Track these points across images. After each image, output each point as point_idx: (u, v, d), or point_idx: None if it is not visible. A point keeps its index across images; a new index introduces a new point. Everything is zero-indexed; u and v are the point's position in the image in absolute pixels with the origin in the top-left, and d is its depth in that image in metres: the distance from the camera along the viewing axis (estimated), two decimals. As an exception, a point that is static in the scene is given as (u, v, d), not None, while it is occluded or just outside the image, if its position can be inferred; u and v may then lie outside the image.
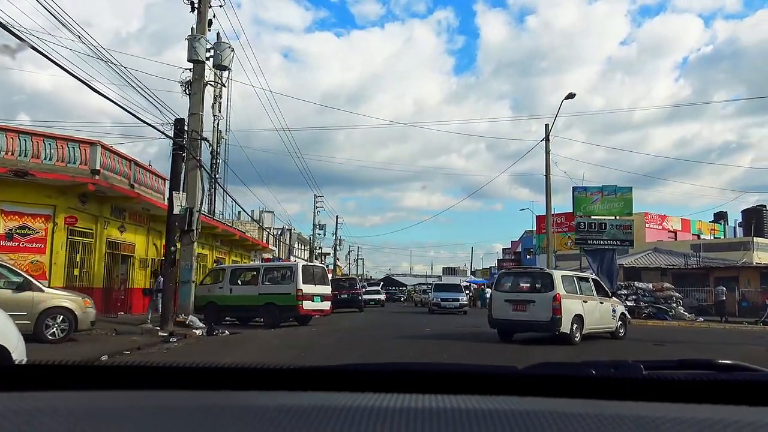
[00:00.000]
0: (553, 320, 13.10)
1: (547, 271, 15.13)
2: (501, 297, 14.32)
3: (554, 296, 13.25)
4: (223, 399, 1.03)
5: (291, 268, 18.58)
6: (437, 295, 32.23)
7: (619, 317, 15.62)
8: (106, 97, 14.28)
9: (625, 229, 26.09)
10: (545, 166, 30.16)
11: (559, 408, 0.93)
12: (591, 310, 14.16)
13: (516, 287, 14.66)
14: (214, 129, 52.62)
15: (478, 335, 15.51)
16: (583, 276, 15.97)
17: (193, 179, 19.03)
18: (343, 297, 30.54)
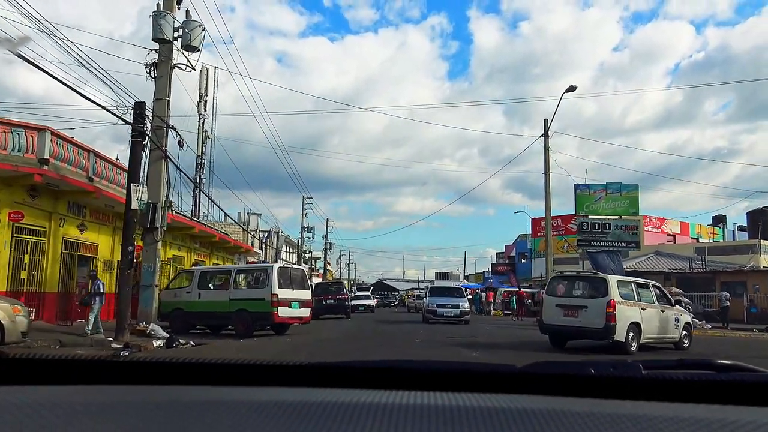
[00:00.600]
0: (606, 327, 12.51)
1: (602, 275, 14.29)
2: (552, 302, 13.72)
3: (608, 302, 12.61)
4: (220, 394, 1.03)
5: (266, 270, 16.61)
6: (433, 301, 25.66)
7: (683, 327, 14.61)
8: (48, 73, 12.33)
9: (631, 229, 24.31)
10: (544, 163, 28.42)
11: (558, 406, 0.93)
12: (650, 318, 13.46)
13: (568, 292, 13.99)
14: (200, 128, 50.97)
15: (474, 345, 13.68)
16: (642, 282, 14.89)
17: (157, 171, 17.09)
18: (329, 302, 28.58)
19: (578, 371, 1.13)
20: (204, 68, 50.36)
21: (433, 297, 26.46)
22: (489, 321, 30.01)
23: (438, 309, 24.73)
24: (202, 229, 29.31)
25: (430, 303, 25.63)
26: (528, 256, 64.31)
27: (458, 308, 24.83)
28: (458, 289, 28.58)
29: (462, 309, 24.84)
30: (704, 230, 59.46)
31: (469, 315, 25.27)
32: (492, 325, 24.57)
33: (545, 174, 28.44)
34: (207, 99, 50.25)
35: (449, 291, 27.83)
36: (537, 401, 0.97)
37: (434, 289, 29.08)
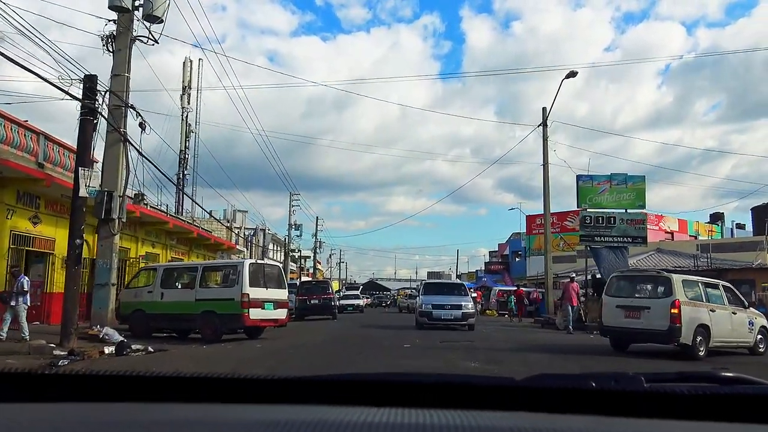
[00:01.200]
0: (671, 329, 11.85)
1: (666, 274, 13.24)
2: (612, 302, 13.07)
3: (672, 302, 11.94)
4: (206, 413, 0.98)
5: (235, 267, 14.71)
6: (428, 301, 19.87)
7: (758, 330, 13.66)
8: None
9: (637, 223, 22.58)
10: (543, 154, 26.74)
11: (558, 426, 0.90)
12: (720, 320, 12.67)
13: (629, 292, 13.19)
14: (183, 122, 48.92)
15: (473, 352, 11.90)
16: (711, 282, 13.89)
17: (114, 156, 15.22)
18: (313, 303, 26.72)
19: (579, 385, 1.10)
20: (187, 60, 48.72)
21: (428, 295, 20.41)
22: (484, 322, 28.19)
23: (434, 311, 19.34)
24: (178, 225, 27.40)
25: (424, 303, 19.89)
26: (522, 254, 62.82)
27: (460, 309, 19.27)
28: (459, 285, 22.77)
29: (465, 310, 19.34)
30: (702, 228, 58.20)
31: (474, 318, 19.76)
32: (489, 326, 22.73)
33: (544, 166, 26.74)
34: (191, 92, 48.77)
35: (448, 288, 21.86)
36: (538, 420, 0.94)
37: (430, 285, 22.46)
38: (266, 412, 0.97)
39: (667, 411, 0.99)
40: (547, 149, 26.58)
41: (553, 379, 1.19)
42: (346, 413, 0.91)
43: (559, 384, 1.11)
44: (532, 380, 1.16)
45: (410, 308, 40.59)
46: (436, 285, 22.84)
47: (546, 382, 1.15)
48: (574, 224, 55.32)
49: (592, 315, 21.75)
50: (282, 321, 15.39)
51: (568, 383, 1.12)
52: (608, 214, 22.55)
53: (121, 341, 12.53)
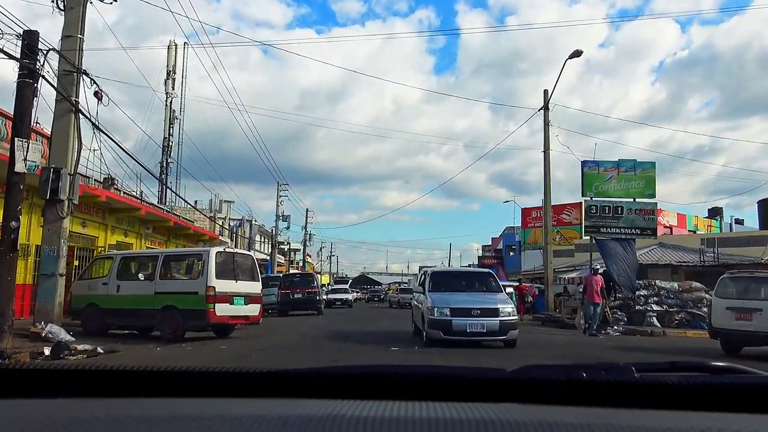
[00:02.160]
0: None
1: None
2: (722, 304, 12.60)
3: None
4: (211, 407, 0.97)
5: (200, 256, 12.87)
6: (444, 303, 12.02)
7: None
8: None
9: (647, 213, 20.87)
10: (544, 140, 25.00)
11: (551, 417, 0.89)
12: None
13: (740, 293, 12.64)
14: (167, 108, 46.86)
15: (479, 359, 10.17)
16: None
17: (64, 129, 13.34)
18: (297, 297, 24.87)
19: (570, 375, 1.09)
20: (172, 44, 46.68)
21: (440, 293, 12.73)
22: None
23: (455, 319, 11.66)
24: (152, 212, 25.47)
25: (437, 307, 11.95)
26: (516, 248, 61.26)
27: (496, 316, 11.80)
28: (487, 275, 14.56)
29: (504, 318, 11.84)
30: (701, 222, 56.88)
31: (517, 329, 12.26)
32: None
33: (545, 152, 25.00)
34: (175, 77, 46.76)
35: (470, 280, 14.27)
36: (528, 411, 0.93)
37: (440, 276, 14.51)
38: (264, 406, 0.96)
39: (658, 401, 1.00)
40: (548, 134, 24.84)
41: (543, 370, 1.15)
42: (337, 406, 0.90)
43: (549, 375, 1.10)
44: (523, 371, 1.14)
45: (401, 303, 39.10)
46: (452, 276, 15.39)
47: (536, 373, 1.13)
48: (571, 218, 53.96)
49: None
50: (254, 318, 13.57)
51: (559, 374, 1.10)
52: (615, 203, 20.85)
53: (59, 342, 10.69)
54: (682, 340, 16.19)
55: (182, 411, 0.93)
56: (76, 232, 20.50)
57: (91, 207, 21.21)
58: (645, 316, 18.49)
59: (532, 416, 0.89)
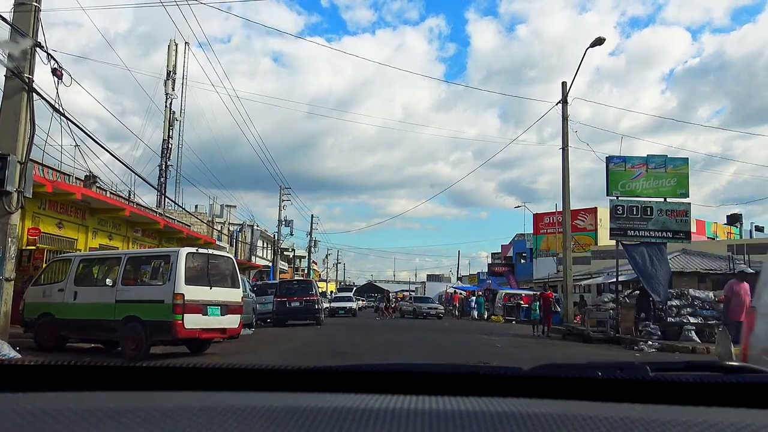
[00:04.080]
0: None
1: None
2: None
3: None
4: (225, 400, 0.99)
5: (168, 257, 10.91)
6: None
7: None
8: None
9: (679, 215, 18.80)
10: (562, 136, 23.04)
11: (568, 410, 0.91)
12: None
13: None
14: (167, 109, 45.13)
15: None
16: None
17: (13, 109, 11.49)
18: (294, 305, 22.89)
19: (585, 373, 1.11)
20: (172, 43, 45.07)
21: None
22: (494, 330, 24.34)
23: None
24: (137, 213, 23.61)
25: None
26: (527, 256, 59.21)
27: None
28: None
29: None
30: (721, 229, 54.89)
31: None
32: (505, 338, 18.87)
33: (563, 149, 23.04)
34: (175, 77, 45.12)
35: None
36: (545, 405, 0.95)
37: None
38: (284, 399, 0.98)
39: (672, 399, 1.00)
40: (566, 129, 22.88)
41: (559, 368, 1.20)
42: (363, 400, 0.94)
43: (565, 373, 1.12)
44: (539, 369, 1.17)
45: (417, 313, 37.00)
46: None
47: (552, 371, 1.16)
48: (585, 224, 51.93)
49: (625, 325, 18.01)
50: (233, 331, 11.60)
51: (575, 372, 1.12)
52: (644, 203, 18.78)
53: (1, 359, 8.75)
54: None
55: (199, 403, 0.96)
56: (50, 233, 18.68)
57: (68, 206, 19.39)
58: (682, 329, 16.40)
59: (549, 409, 0.90)
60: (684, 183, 18.82)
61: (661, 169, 18.82)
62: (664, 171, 18.82)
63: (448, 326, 25.97)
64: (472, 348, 13.98)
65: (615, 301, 19.38)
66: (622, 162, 19.01)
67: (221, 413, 0.89)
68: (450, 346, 14.04)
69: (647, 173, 18.83)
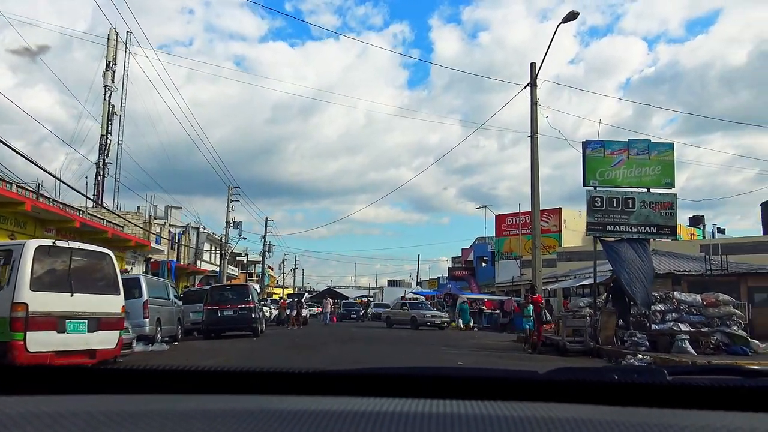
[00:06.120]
0: None
1: None
2: None
3: None
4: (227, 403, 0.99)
5: (9, 253, 7.91)
6: None
7: None
8: None
9: (664, 207, 16.50)
10: (531, 122, 20.70)
11: (583, 415, 0.89)
12: None
13: None
14: (106, 103, 41.41)
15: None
16: None
17: None
18: (226, 315, 19.82)
19: (602, 377, 1.09)
20: (112, 32, 41.53)
21: None
22: (453, 339, 21.73)
23: None
24: (42, 207, 20.34)
25: None
26: (488, 259, 57.16)
27: None
28: None
29: None
30: (684, 231, 53.85)
31: None
32: (468, 351, 16.25)
33: (532, 136, 20.68)
34: (115, 68, 41.63)
35: None
36: (561, 409, 0.94)
37: None
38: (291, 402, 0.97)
39: (690, 403, 0.99)
40: (536, 115, 20.53)
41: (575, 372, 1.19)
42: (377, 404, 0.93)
43: (581, 377, 1.11)
44: (555, 373, 1.16)
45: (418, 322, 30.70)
46: None
47: (568, 375, 1.15)
48: (549, 225, 49.94)
49: (606, 334, 15.60)
50: (108, 353, 8.62)
51: (591, 376, 1.12)
52: (625, 194, 16.44)
53: None
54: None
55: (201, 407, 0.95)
56: None
57: None
58: (674, 339, 14.04)
59: (565, 414, 0.89)
60: (669, 171, 16.55)
61: (644, 155, 16.53)
62: (647, 158, 16.53)
63: (405, 336, 23.33)
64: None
65: (593, 307, 16.99)
66: (601, 147, 16.65)
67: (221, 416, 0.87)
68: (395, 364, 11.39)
69: (628, 160, 16.51)
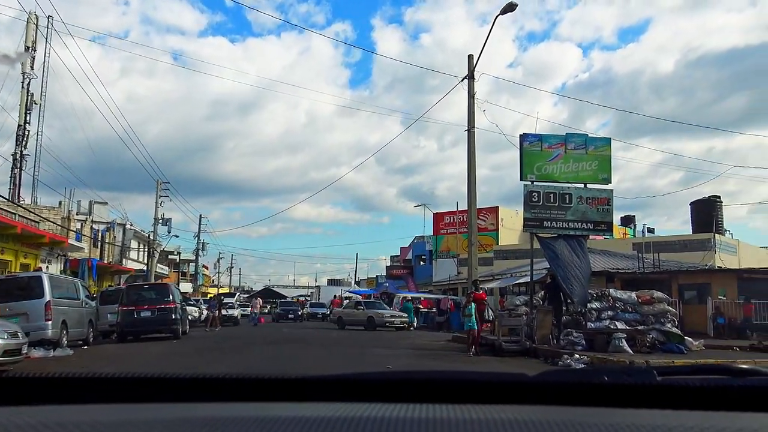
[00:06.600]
0: None
1: None
2: None
3: None
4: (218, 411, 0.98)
5: None
6: None
7: None
8: None
9: (601, 203, 16.20)
10: (468, 115, 20.17)
11: (574, 417, 0.88)
12: None
13: None
14: (25, 91, 38.65)
15: None
16: None
17: None
18: (143, 316, 18.42)
19: (592, 379, 1.08)
20: (32, 16, 38.87)
21: None
22: (386, 339, 20.94)
23: None
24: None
25: None
26: (426, 258, 56.94)
27: None
28: None
29: None
30: (615, 230, 55.07)
31: None
32: (401, 351, 15.48)
33: (469, 130, 20.16)
34: (35, 54, 38.97)
35: None
36: (551, 412, 0.93)
37: None
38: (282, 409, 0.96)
39: (680, 403, 0.98)
40: (473, 109, 20.04)
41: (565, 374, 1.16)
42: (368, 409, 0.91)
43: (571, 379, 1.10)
44: (545, 375, 1.13)
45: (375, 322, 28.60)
46: None
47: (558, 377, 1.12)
48: (487, 223, 50.04)
49: (542, 332, 15.14)
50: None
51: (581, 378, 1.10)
52: (562, 189, 16.05)
53: None
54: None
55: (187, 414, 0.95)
56: None
57: None
58: (611, 338, 13.66)
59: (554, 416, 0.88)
60: (606, 166, 16.26)
61: (581, 150, 16.18)
62: (584, 152, 16.18)
63: (340, 337, 22.44)
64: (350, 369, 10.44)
65: (530, 305, 16.53)
66: (538, 141, 16.20)
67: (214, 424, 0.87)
68: (319, 368, 10.47)
69: (566, 155, 16.12)
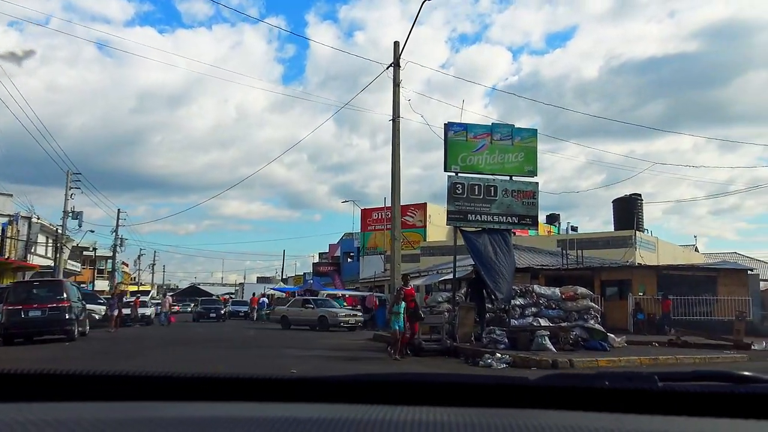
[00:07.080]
0: None
1: None
2: None
3: None
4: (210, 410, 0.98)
5: None
6: None
7: None
8: None
9: (527, 196, 15.66)
10: (393, 105, 19.30)
11: (573, 422, 0.88)
12: None
13: None
14: None
15: None
16: None
17: None
18: (32, 315, 16.55)
19: (593, 384, 1.08)
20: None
21: None
22: (300, 339, 19.88)
23: None
24: None
25: None
26: (354, 255, 56.08)
27: None
28: None
29: None
30: (541, 227, 55.83)
31: None
32: (315, 352, 14.45)
33: (394, 120, 19.29)
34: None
35: None
36: (551, 417, 0.92)
37: None
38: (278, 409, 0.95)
39: (681, 409, 0.98)
40: (398, 98, 19.19)
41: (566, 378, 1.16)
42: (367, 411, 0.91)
43: (572, 383, 1.09)
44: (546, 379, 1.13)
45: (328, 321, 26.19)
46: None
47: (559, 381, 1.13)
48: (415, 220, 49.58)
49: (464, 330, 14.45)
50: None
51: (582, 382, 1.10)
52: (487, 181, 15.41)
53: None
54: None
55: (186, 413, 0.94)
56: None
57: None
58: (534, 336, 13.08)
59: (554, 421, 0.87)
60: (532, 159, 15.75)
61: (507, 141, 15.59)
62: (510, 144, 15.60)
63: (250, 336, 21.18)
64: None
65: (452, 302, 15.83)
66: (463, 130, 15.50)
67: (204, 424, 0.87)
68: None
69: (491, 145, 15.49)
